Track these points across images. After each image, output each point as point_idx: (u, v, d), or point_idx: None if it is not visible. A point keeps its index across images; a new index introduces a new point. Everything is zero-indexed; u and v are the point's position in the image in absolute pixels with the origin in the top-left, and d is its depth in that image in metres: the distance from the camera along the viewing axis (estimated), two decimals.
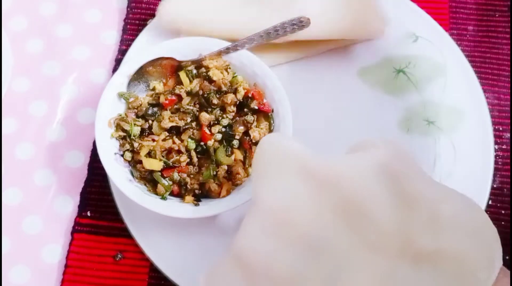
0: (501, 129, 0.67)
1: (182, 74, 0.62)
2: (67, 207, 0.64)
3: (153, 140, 0.59)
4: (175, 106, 0.61)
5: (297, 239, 0.41)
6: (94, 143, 0.65)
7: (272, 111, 0.60)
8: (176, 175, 0.58)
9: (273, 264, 0.41)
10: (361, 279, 0.40)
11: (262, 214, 0.43)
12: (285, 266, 0.41)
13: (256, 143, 0.59)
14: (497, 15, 0.73)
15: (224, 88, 0.60)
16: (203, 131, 0.59)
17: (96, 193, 0.63)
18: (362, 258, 0.40)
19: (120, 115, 0.60)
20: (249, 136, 0.59)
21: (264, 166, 0.45)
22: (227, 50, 0.62)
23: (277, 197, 0.43)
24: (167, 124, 0.59)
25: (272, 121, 0.60)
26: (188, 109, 0.60)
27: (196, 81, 0.61)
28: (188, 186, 0.58)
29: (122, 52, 0.70)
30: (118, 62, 0.70)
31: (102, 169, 0.57)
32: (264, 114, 0.61)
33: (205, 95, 0.60)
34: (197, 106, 0.60)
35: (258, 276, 0.41)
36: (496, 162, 0.64)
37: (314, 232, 0.41)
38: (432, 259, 0.40)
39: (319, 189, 0.42)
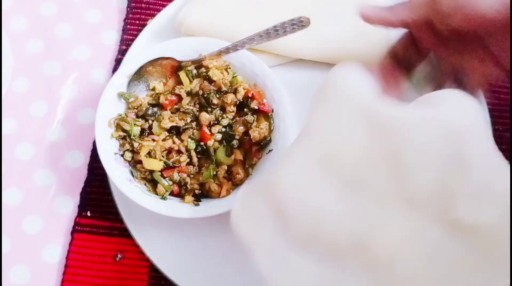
0: (501, 129, 0.67)
1: (182, 74, 0.62)
2: (67, 207, 0.63)
3: (153, 140, 0.59)
4: (175, 106, 0.61)
5: (338, 174, 0.41)
6: (94, 143, 0.65)
7: (272, 111, 0.60)
8: (176, 175, 0.58)
9: (308, 194, 0.40)
10: (390, 229, 0.39)
11: (312, 143, 0.42)
12: (320, 197, 0.40)
13: (256, 143, 0.59)
14: None
15: (224, 88, 0.60)
16: (203, 131, 0.59)
17: (96, 193, 0.63)
18: (396, 209, 0.40)
19: (120, 115, 0.60)
20: (249, 136, 0.59)
21: (326, 97, 0.44)
22: (227, 50, 0.62)
23: (330, 130, 0.42)
24: (167, 124, 0.59)
25: (272, 121, 0.60)
26: (188, 109, 0.60)
27: (196, 81, 0.61)
28: (188, 186, 0.58)
29: (122, 52, 0.70)
30: (118, 62, 0.69)
31: (102, 169, 0.57)
32: (264, 114, 0.60)
33: (205, 95, 0.60)
34: (197, 106, 0.60)
35: (290, 204, 0.41)
36: None
37: (357, 170, 0.41)
38: (469, 231, 0.39)
39: (374, 132, 0.41)
